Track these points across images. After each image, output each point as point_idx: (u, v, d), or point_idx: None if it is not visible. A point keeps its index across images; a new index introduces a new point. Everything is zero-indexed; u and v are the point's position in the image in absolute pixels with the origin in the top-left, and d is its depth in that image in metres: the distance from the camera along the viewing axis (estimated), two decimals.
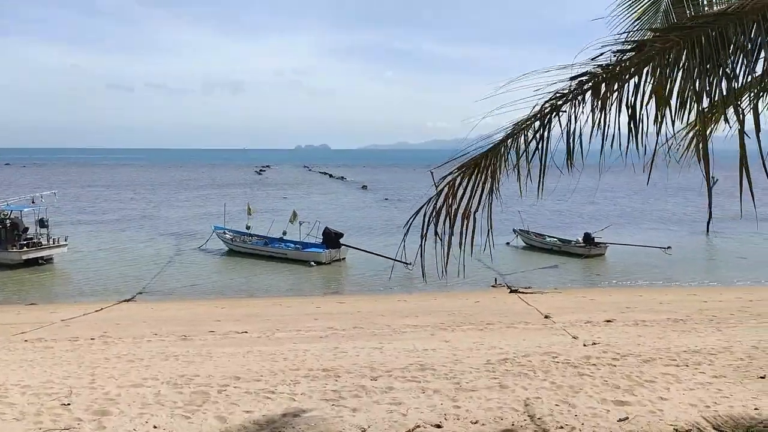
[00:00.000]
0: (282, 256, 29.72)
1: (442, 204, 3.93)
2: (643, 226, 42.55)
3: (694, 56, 3.38)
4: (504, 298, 20.84)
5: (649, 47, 3.68)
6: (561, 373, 9.28)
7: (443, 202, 3.93)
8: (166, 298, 22.20)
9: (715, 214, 41.95)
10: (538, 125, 4.73)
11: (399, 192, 74.15)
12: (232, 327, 14.95)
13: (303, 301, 21.24)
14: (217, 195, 66.11)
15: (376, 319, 16.11)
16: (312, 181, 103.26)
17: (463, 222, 3.93)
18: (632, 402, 7.79)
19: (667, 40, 3.51)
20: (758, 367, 9.42)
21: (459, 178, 3.98)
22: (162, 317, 17.38)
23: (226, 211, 38.85)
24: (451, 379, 8.96)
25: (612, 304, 18.66)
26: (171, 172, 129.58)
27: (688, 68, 3.47)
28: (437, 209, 3.94)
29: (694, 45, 3.39)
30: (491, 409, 7.54)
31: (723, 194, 48.26)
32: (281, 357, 10.90)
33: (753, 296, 20.22)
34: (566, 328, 13.95)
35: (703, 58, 3.37)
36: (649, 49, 3.68)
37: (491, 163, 4.03)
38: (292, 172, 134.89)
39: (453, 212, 3.90)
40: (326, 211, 50.31)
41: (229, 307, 19.41)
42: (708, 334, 12.97)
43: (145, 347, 12.31)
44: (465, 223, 3.92)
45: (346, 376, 9.29)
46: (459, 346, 11.76)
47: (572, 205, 50.15)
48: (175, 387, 8.79)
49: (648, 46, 3.71)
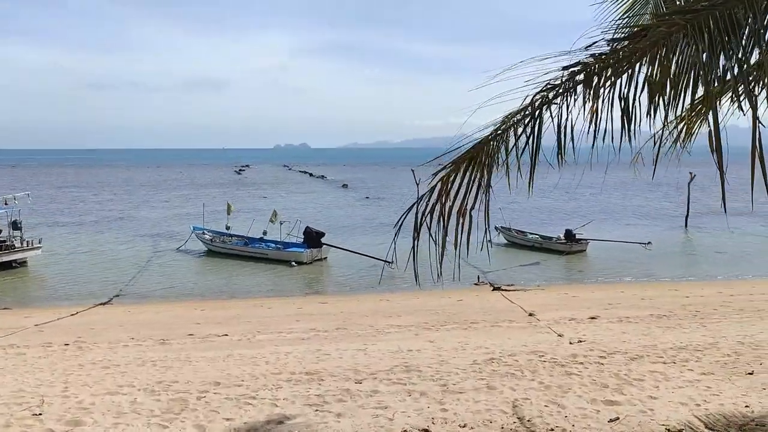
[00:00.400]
0: (262, 257, 29.33)
1: (435, 201, 3.70)
2: (623, 222, 42.84)
3: (702, 40, 3.20)
4: (487, 296, 20.72)
5: (653, 32, 3.49)
6: (548, 373, 9.13)
7: (437, 199, 3.70)
8: (143, 300, 21.73)
9: (693, 209, 42.45)
10: (528, 119, 4.53)
11: (380, 190, 74.00)
12: (211, 330, 14.61)
13: (284, 302, 20.92)
14: (196, 195, 65.36)
15: (359, 320, 15.87)
16: (292, 180, 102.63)
17: (459, 220, 3.71)
18: (622, 401, 7.66)
19: (672, 23, 3.33)
20: (745, 363, 9.37)
21: (453, 174, 3.76)
22: (139, 321, 16.97)
23: (205, 211, 38.33)
24: (437, 381, 8.76)
25: (595, 301, 18.64)
26: (149, 172, 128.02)
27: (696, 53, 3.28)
28: (431, 207, 3.71)
29: (701, 28, 3.22)
30: (480, 411, 7.35)
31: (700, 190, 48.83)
32: (263, 360, 10.62)
33: (733, 291, 20.34)
34: (551, 325, 13.84)
35: (712, 43, 3.19)
36: (650, 36, 3.49)
37: (487, 156, 3.81)
38: (271, 171, 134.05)
39: (447, 210, 3.68)
40: (307, 210, 49.95)
41: (209, 310, 19.04)
42: (693, 329, 12.94)
43: (121, 352, 11.94)
44: (461, 220, 3.70)
45: (330, 380, 9.05)
46: (444, 346, 11.57)
47: (553, 202, 50.40)
48: (152, 394, 8.48)
49: (651, 31, 3.52)
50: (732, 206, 51.70)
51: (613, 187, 62.99)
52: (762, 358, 9.57)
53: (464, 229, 3.74)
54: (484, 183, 3.77)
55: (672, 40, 3.38)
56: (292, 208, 49.29)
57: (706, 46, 3.20)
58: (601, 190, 56.66)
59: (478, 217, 3.81)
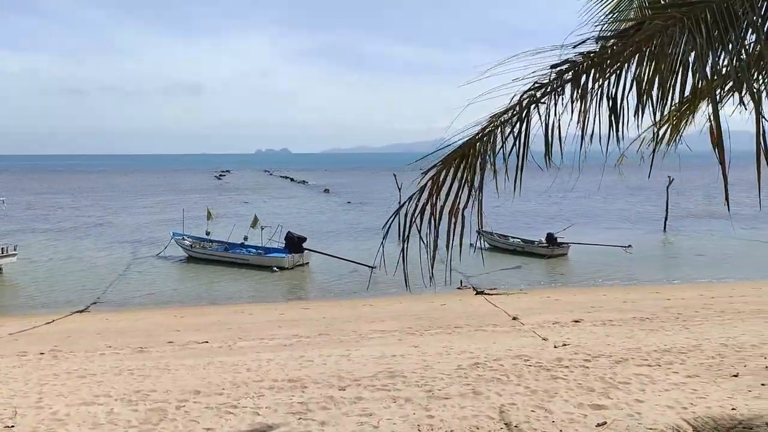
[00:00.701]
0: (244, 262, 29.00)
1: (426, 201, 3.57)
2: (603, 225, 43.13)
3: (699, 33, 3.11)
4: (470, 300, 20.65)
5: (648, 26, 3.40)
6: (534, 377, 9.04)
7: (427, 199, 3.56)
8: (121, 308, 21.31)
9: (672, 212, 42.92)
10: (515, 119, 4.42)
11: (361, 195, 73.89)
12: (191, 337, 14.34)
13: (266, 307, 20.66)
14: (176, 201, 64.67)
15: (342, 325, 15.69)
16: (273, 185, 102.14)
17: (450, 220, 3.58)
18: (609, 405, 7.59)
19: (668, 16, 3.25)
20: (730, 365, 9.37)
21: (443, 172, 3.63)
22: (117, 328, 16.62)
23: (186, 217, 37.87)
24: (422, 387, 8.63)
25: (578, 304, 18.65)
26: (128, 178, 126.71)
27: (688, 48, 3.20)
28: (420, 207, 3.57)
29: (698, 21, 3.14)
30: (466, 417, 7.23)
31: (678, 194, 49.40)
32: (244, 368, 10.41)
33: (714, 293, 20.49)
34: (535, 329, 13.79)
35: (710, 35, 3.11)
36: (645, 30, 3.41)
37: (480, 154, 3.69)
38: (252, 176, 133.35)
39: (439, 210, 3.55)
40: (288, 215, 49.65)
41: (189, 316, 18.72)
42: (676, 332, 12.96)
43: (98, 361, 11.64)
44: (452, 221, 3.57)
45: (313, 387, 8.88)
46: (428, 351, 11.45)
47: (535, 206, 50.66)
48: (130, 404, 8.24)
49: (646, 25, 3.44)
50: (711, 209, 52.50)
51: (594, 191, 63.46)
52: (746, 360, 9.58)
53: (456, 230, 3.60)
54: (477, 181, 3.64)
55: (668, 34, 3.30)
56: (274, 213, 48.98)
57: (703, 39, 3.12)
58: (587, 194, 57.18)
59: (471, 216, 3.67)
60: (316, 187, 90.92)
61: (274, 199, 71.32)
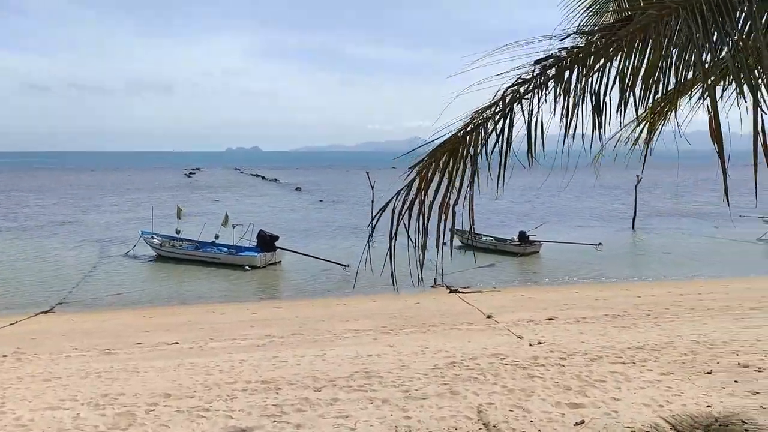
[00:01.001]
0: (215, 261, 28.57)
1: (414, 197, 3.44)
2: (575, 224, 43.61)
3: (695, 23, 3.04)
4: (444, 299, 20.62)
5: (640, 17, 3.33)
6: (511, 376, 9.00)
7: (416, 195, 3.44)
8: (88, 308, 20.78)
9: (640, 210, 43.63)
10: (498, 116, 4.32)
11: (334, 193, 73.62)
12: (161, 338, 14.01)
13: (238, 307, 20.35)
14: (146, 199, 63.59)
15: (316, 325, 15.52)
16: (245, 183, 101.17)
17: (440, 216, 3.46)
18: (586, 404, 7.57)
19: (663, 6, 3.18)
20: (703, 362, 9.45)
21: (431, 167, 3.50)
22: (83, 330, 16.18)
23: (155, 215, 37.20)
24: (399, 387, 8.52)
25: (551, 302, 18.75)
26: (96, 175, 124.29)
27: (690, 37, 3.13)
28: (409, 203, 3.44)
29: (694, 11, 3.07)
30: (444, 418, 7.14)
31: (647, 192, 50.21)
32: (216, 369, 10.17)
33: (682, 290, 20.81)
34: (510, 327, 13.79)
35: (706, 26, 3.05)
36: (638, 20, 3.33)
37: (473, 145, 3.58)
38: (223, 174, 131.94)
39: (428, 206, 3.42)
40: (260, 213, 49.16)
41: (158, 317, 18.34)
42: (647, 329, 13.07)
43: (64, 364, 11.28)
44: (443, 217, 3.45)
45: (288, 388, 8.70)
46: (404, 350, 11.35)
47: (507, 204, 50.98)
48: (97, 408, 7.96)
49: (638, 16, 3.37)
50: (678, 208, 53.51)
51: (566, 189, 64.18)
52: (718, 357, 9.68)
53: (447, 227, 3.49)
54: (468, 176, 3.52)
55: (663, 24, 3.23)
56: (246, 211, 48.42)
57: (700, 30, 3.06)
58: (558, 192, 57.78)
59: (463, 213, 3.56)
60: (287, 186, 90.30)
61: (246, 197, 70.61)
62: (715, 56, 3.09)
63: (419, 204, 3.44)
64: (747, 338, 11.11)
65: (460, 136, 3.60)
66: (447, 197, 3.47)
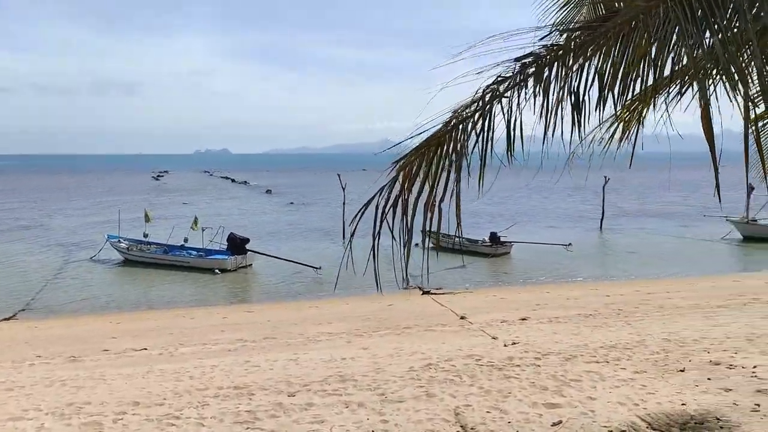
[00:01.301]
0: (184, 265, 28.09)
1: (399, 194, 3.33)
2: (545, 224, 44.06)
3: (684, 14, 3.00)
4: (417, 300, 20.58)
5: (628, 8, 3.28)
6: (487, 377, 8.96)
7: (399, 192, 3.32)
8: (53, 315, 20.21)
9: (608, 211, 44.27)
10: (478, 115, 4.24)
11: (304, 196, 73.19)
12: (129, 344, 13.66)
13: (208, 311, 20.00)
14: (113, 203, 62.27)
15: (289, 328, 15.31)
16: (214, 185, 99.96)
17: (426, 214, 3.35)
18: (563, 404, 7.56)
19: None
20: (675, 360, 9.54)
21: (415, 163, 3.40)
22: (48, 336, 15.70)
23: (122, 218, 36.42)
24: (374, 390, 8.41)
25: (523, 302, 18.84)
26: (60, 179, 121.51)
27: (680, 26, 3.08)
28: (393, 200, 3.33)
29: (682, 2, 3.03)
30: (421, 421, 7.05)
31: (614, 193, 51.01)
32: (186, 375, 9.92)
33: (650, 289, 21.11)
34: (483, 328, 13.78)
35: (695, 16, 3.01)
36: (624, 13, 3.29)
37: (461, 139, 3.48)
38: (192, 177, 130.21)
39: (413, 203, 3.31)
40: (231, 216, 48.60)
41: (126, 322, 17.91)
42: (619, 327, 13.18)
43: (27, 372, 10.90)
44: (429, 215, 3.35)
45: (261, 394, 8.52)
46: (378, 353, 11.24)
47: (478, 205, 51.23)
48: (62, 418, 7.68)
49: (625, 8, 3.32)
50: (644, 208, 54.46)
51: (535, 191, 64.92)
52: (690, 355, 9.78)
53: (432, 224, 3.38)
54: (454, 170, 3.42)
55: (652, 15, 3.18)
56: (216, 214, 47.82)
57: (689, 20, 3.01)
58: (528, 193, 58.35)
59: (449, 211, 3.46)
60: (257, 188, 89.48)
61: (216, 200, 69.73)
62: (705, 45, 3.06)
63: (403, 202, 3.33)
64: (717, 336, 11.26)
65: (447, 130, 3.50)
66: (433, 194, 3.38)
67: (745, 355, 9.60)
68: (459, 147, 3.49)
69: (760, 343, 10.42)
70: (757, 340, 10.70)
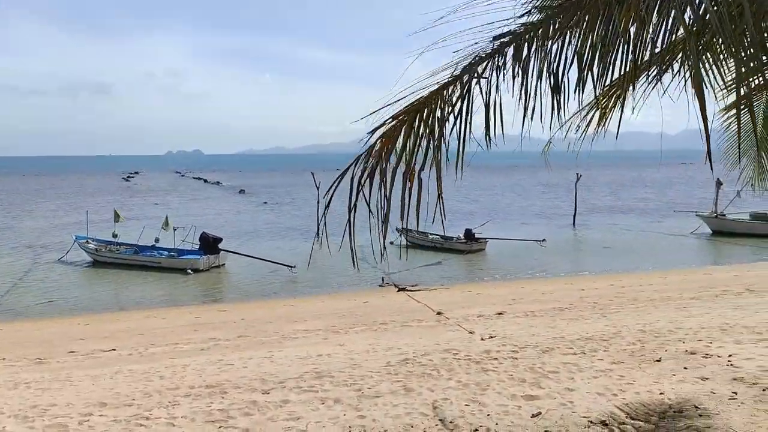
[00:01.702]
0: (155, 265, 27.58)
1: (376, 163, 3.15)
2: (519, 221, 44.35)
3: None
4: (393, 297, 20.46)
5: None
6: (465, 371, 8.84)
7: (377, 160, 3.15)
8: (18, 317, 19.64)
9: (580, 207, 44.74)
10: (456, 97, 4.08)
11: (278, 195, 72.69)
12: (97, 345, 13.29)
13: (180, 311, 19.62)
14: (82, 204, 61.02)
15: (263, 326, 15.06)
16: (187, 186, 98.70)
17: (405, 185, 3.19)
18: (541, 395, 7.47)
19: None
20: (651, 350, 9.53)
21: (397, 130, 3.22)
22: (13, 339, 15.21)
23: (91, 220, 35.65)
24: (351, 386, 8.23)
25: (499, 297, 18.84)
26: (28, 180, 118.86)
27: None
28: (369, 170, 3.15)
29: None
30: (399, 416, 6.90)
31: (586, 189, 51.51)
32: (157, 375, 9.63)
33: (623, 282, 21.31)
34: (460, 323, 13.70)
35: None
36: None
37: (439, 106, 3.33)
38: (163, 177, 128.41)
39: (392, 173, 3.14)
40: (204, 216, 47.97)
41: (95, 323, 17.47)
42: (594, 320, 13.21)
43: None
44: (408, 185, 3.18)
45: (234, 392, 8.28)
46: (355, 349, 11.06)
47: (453, 203, 51.37)
48: (26, 421, 7.35)
49: None
50: (616, 204, 55.15)
51: (509, 188, 65.34)
52: (665, 345, 9.79)
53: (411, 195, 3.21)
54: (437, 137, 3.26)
55: None
56: (188, 215, 47.14)
57: None
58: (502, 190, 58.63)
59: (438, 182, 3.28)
60: (231, 188, 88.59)
61: (188, 200, 68.82)
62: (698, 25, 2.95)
63: (380, 172, 3.16)
64: (691, 326, 11.32)
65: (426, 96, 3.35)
66: (412, 163, 3.22)
67: (720, 344, 9.64)
68: (441, 113, 3.34)
69: (733, 333, 10.48)
70: (730, 330, 10.77)
